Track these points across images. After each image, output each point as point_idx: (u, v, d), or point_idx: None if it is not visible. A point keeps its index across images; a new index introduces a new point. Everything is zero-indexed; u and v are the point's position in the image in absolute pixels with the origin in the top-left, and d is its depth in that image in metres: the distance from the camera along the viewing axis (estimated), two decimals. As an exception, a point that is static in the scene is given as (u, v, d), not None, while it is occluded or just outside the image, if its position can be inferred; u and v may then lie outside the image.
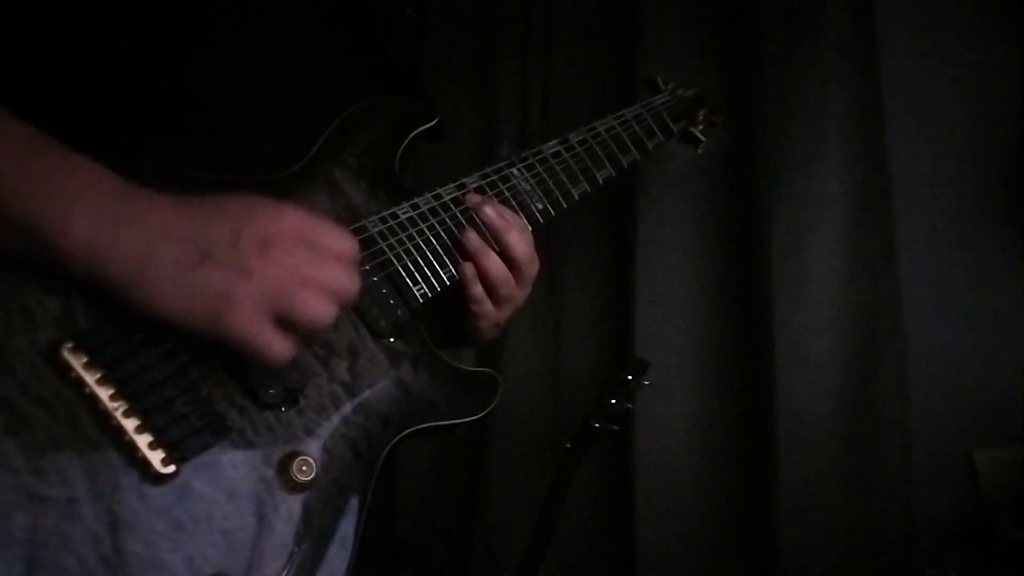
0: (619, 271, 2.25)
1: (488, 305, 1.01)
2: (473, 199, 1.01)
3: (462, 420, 0.96)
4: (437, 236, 0.97)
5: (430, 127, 1.04)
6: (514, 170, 1.07)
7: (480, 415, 0.97)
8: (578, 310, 2.33)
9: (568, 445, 1.82)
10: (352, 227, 0.91)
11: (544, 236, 2.33)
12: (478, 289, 0.99)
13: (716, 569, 2.09)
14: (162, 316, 0.73)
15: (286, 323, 0.76)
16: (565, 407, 2.28)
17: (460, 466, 2.39)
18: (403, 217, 0.95)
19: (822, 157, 2.01)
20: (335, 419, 0.85)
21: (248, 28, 0.92)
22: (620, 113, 1.22)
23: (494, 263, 0.99)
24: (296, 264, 0.75)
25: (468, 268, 0.99)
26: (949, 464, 1.97)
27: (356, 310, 0.90)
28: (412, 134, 1.02)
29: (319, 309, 0.76)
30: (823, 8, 2.01)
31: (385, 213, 0.94)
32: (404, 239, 0.95)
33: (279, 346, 0.75)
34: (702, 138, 1.38)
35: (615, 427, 1.82)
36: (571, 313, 2.33)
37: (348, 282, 0.79)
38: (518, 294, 1.03)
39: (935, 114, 2.04)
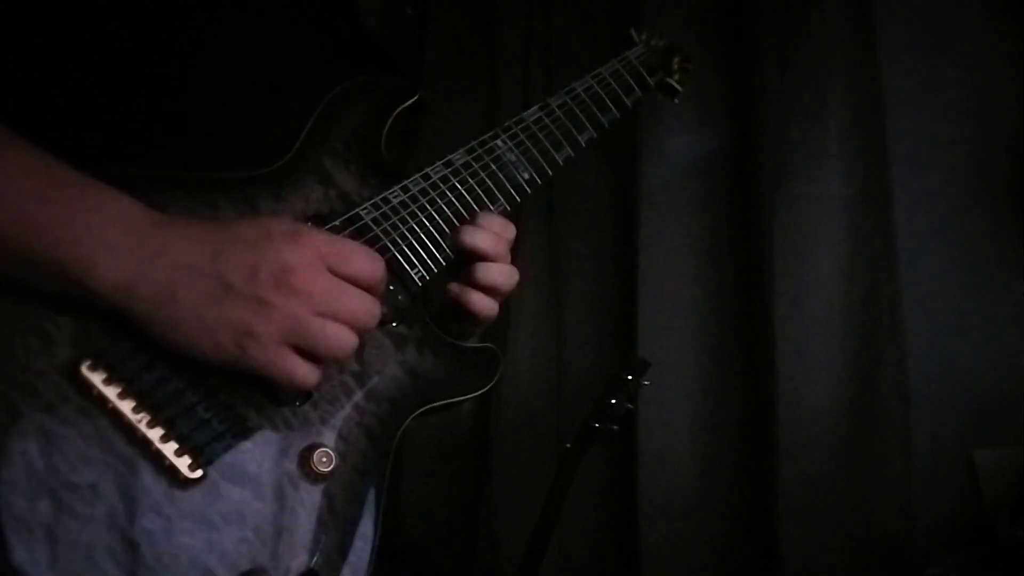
0: (621, 273, 2.26)
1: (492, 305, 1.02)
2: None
3: (468, 396, 0.98)
4: (429, 217, 0.97)
5: (412, 103, 1.03)
6: (498, 141, 1.06)
7: (485, 389, 0.99)
8: (580, 312, 2.34)
9: (568, 445, 1.82)
10: (345, 216, 0.91)
11: (547, 239, 2.33)
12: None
13: (718, 568, 2.10)
14: (187, 349, 0.75)
15: (307, 352, 0.78)
16: (568, 408, 2.28)
17: (463, 467, 2.40)
18: (395, 201, 0.95)
19: (822, 158, 2.02)
20: (348, 408, 0.87)
21: (226, 17, 0.92)
22: (597, 71, 1.20)
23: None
24: (313, 294, 0.77)
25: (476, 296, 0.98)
26: (949, 464, 1.98)
27: None
28: (395, 113, 1.01)
29: (337, 338, 0.78)
30: (823, 9, 2.02)
31: (377, 199, 0.94)
32: (398, 223, 0.94)
33: (303, 373, 0.77)
34: (679, 88, 1.37)
35: (615, 427, 1.82)
36: (574, 315, 2.34)
37: (365, 309, 0.80)
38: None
39: (935, 114, 2.05)
